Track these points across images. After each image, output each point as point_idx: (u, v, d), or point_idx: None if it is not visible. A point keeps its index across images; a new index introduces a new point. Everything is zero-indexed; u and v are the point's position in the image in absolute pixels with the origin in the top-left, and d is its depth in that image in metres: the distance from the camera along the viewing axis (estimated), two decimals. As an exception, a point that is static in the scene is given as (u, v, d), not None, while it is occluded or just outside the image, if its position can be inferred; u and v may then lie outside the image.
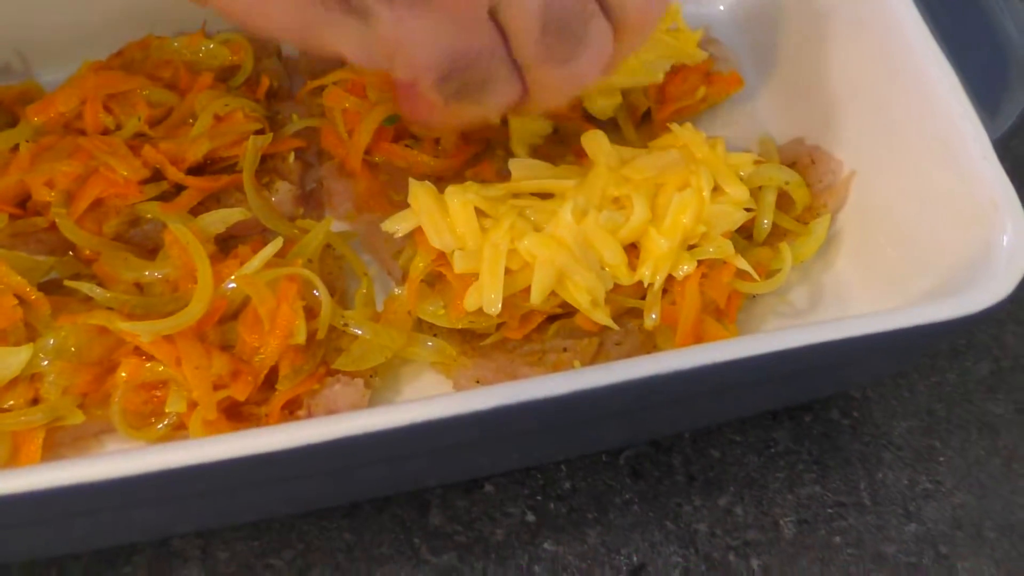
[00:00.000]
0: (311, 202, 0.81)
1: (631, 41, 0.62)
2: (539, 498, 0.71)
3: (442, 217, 0.71)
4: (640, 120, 0.84)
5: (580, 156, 0.78)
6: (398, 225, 0.73)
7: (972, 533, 0.71)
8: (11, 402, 0.67)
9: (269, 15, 0.54)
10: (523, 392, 0.58)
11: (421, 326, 0.72)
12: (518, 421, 0.61)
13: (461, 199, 0.71)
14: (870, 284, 0.75)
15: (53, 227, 0.74)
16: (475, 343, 0.72)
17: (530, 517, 0.70)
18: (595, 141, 0.74)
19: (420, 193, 0.72)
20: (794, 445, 0.74)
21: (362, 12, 0.53)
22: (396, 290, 0.74)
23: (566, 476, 0.72)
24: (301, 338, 0.69)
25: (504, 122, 0.79)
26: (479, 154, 0.81)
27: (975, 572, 0.69)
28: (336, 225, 0.78)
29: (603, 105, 0.82)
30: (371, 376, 0.71)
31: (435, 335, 0.72)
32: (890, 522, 0.71)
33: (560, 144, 0.82)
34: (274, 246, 0.71)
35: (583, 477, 0.72)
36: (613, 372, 0.59)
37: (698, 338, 0.70)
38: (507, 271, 0.69)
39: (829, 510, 0.71)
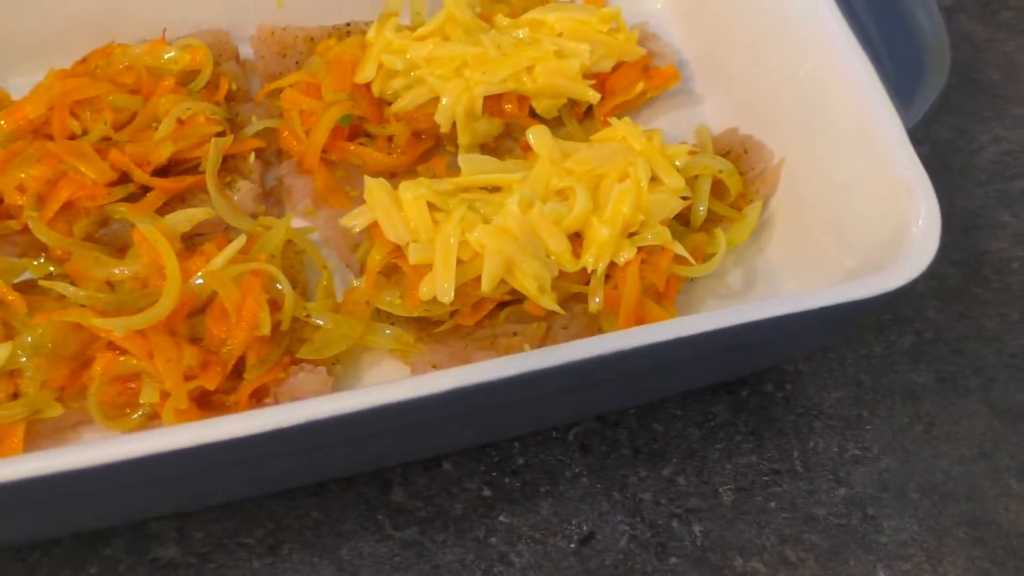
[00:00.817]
0: (271, 199, 0.85)
1: None
2: (494, 474, 0.76)
3: (396, 211, 0.75)
4: (583, 115, 0.88)
5: (527, 150, 0.82)
6: (355, 220, 0.77)
7: (897, 495, 0.76)
8: (-9, 398, 0.71)
9: None
10: (476, 374, 0.62)
11: (379, 315, 0.77)
12: (472, 401, 0.65)
13: (414, 194, 0.75)
14: (799, 265, 0.80)
15: (25, 229, 0.78)
16: (430, 330, 0.76)
17: (486, 492, 0.75)
18: (539, 136, 0.79)
19: (375, 189, 0.76)
20: (732, 417, 0.79)
21: None
22: (355, 282, 0.78)
23: (519, 452, 0.77)
24: (266, 329, 0.73)
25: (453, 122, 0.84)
26: (430, 150, 0.85)
27: (899, 530, 0.75)
28: (296, 221, 0.82)
29: (548, 105, 0.86)
30: (333, 364, 0.75)
31: (392, 323, 0.76)
32: (821, 487, 0.76)
33: (508, 138, 0.86)
34: (238, 243, 0.75)
35: (535, 453, 0.77)
36: (560, 353, 0.63)
37: (639, 320, 0.75)
38: (459, 261, 0.73)
39: (765, 477, 0.76)
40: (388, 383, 0.62)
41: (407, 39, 0.84)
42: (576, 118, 0.87)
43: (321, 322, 0.75)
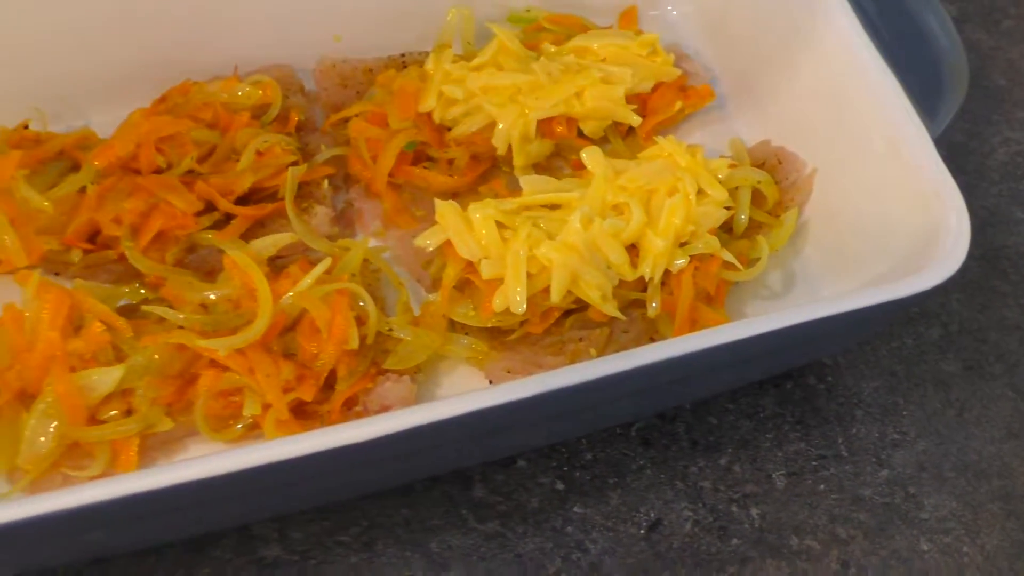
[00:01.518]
0: (342, 222, 0.91)
1: None
2: (565, 469, 0.82)
3: (467, 230, 0.82)
4: (626, 133, 0.95)
5: (577, 168, 0.89)
6: (429, 240, 0.83)
7: (934, 474, 0.83)
8: (109, 414, 0.77)
9: None
10: (553, 381, 0.68)
11: (454, 327, 0.83)
12: (549, 405, 0.71)
13: (483, 214, 0.82)
14: (835, 268, 0.86)
15: (121, 258, 0.84)
16: (502, 339, 0.83)
17: (559, 486, 0.82)
18: (593, 157, 0.85)
19: (446, 211, 0.82)
20: (779, 409, 0.85)
21: None
22: (429, 296, 0.85)
23: (587, 449, 0.83)
24: (355, 344, 0.79)
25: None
26: (487, 171, 0.92)
27: (939, 507, 0.82)
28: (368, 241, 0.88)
29: (594, 126, 0.93)
30: (416, 373, 0.82)
31: (467, 334, 0.83)
32: (865, 469, 0.83)
33: (558, 157, 0.93)
34: (324, 265, 0.81)
35: (601, 448, 0.83)
36: (633, 358, 0.69)
37: (694, 322, 0.82)
38: (528, 275, 0.80)
39: (813, 463, 0.83)
40: (478, 391, 0.68)
41: (464, 69, 0.90)
42: (620, 136, 0.94)
43: (402, 335, 0.81)
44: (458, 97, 0.89)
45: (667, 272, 0.83)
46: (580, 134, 0.93)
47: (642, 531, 0.80)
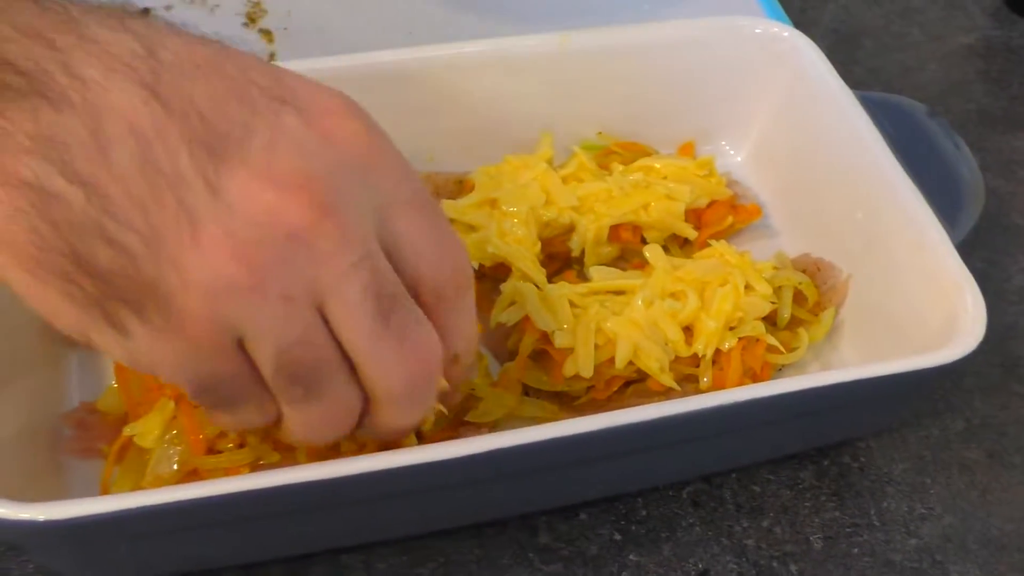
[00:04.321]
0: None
1: (387, 413, 0.66)
2: (622, 523, 0.91)
3: (543, 307, 0.94)
4: (682, 244, 1.08)
5: (637, 268, 1.01)
6: (508, 316, 0.96)
7: (959, 545, 0.91)
8: (226, 447, 0.88)
9: (56, 313, 0.56)
10: (620, 418, 0.79)
11: (527, 391, 0.94)
12: (616, 442, 0.81)
13: (558, 293, 0.94)
14: (868, 360, 0.97)
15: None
16: (569, 403, 0.94)
17: (617, 536, 0.91)
18: (655, 252, 0.98)
19: (526, 292, 0.95)
20: (816, 482, 0.94)
21: (120, 328, 0.55)
22: (504, 365, 0.96)
23: (642, 506, 0.92)
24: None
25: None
26: (560, 269, 1.05)
27: (964, 573, 0.89)
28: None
29: (656, 236, 1.06)
30: (492, 428, 0.92)
31: (538, 397, 0.94)
32: (895, 537, 0.91)
33: (622, 260, 1.06)
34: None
35: (655, 507, 0.92)
36: (688, 403, 0.80)
37: (740, 396, 0.93)
38: (595, 346, 0.92)
39: (847, 529, 0.92)
40: (548, 424, 0.79)
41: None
42: (678, 245, 1.07)
43: (483, 395, 0.92)
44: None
45: (718, 351, 0.94)
46: (643, 242, 1.05)
47: (691, 579, 0.88)
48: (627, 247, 1.05)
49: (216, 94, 0.54)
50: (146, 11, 0.67)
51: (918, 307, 0.93)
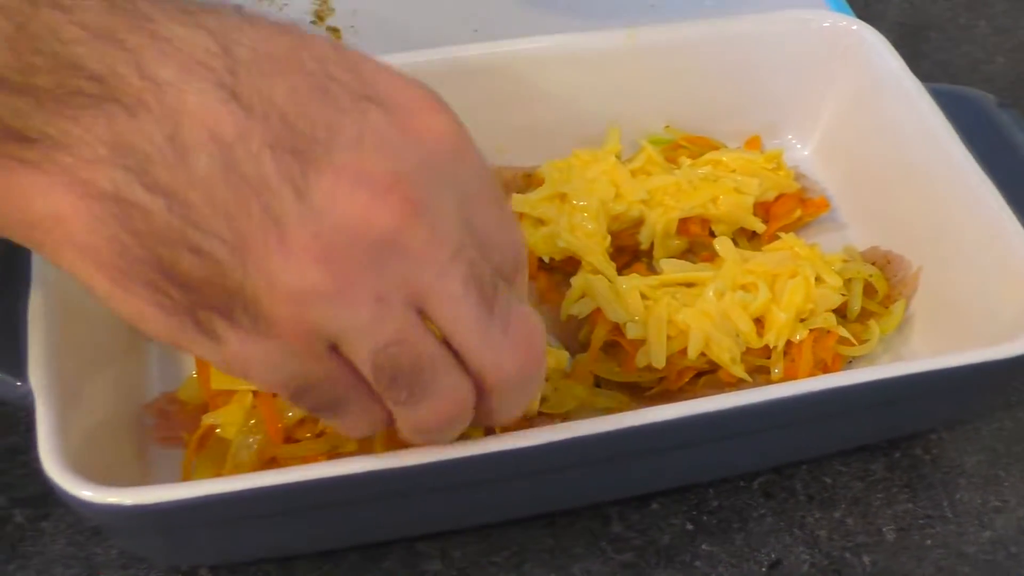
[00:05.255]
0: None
1: (502, 400, 0.65)
2: (694, 513, 0.92)
3: (615, 299, 0.95)
4: (751, 237, 1.08)
5: (706, 262, 1.02)
6: (579, 309, 0.97)
7: (1034, 537, 0.91)
8: (304, 436, 0.90)
9: (146, 321, 0.56)
10: (694, 407, 0.80)
11: (599, 383, 0.95)
12: (689, 432, 0.82)
13: (629, 285, 0.95)
14: (939, 352, 0.96)
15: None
16: (641, 394, 0.95)
17: (689, 526, 0.91)
18: (725, 244, 0.99)
19: (597, 284, 0.96)
20: (888, 473, 0.95)
21: (212, 334, 0.55)
22: (576, 356, 0.97)
23: (713, 497, 0.93)
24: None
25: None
26: (629, 262, 1.05)
27: (1037, 566, 0.89)
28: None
29: (724, 229, 1.06)
30: (565, 418, 0.93)
31: (609, 388, 0.95)
32: (969, 530, 0.91)
33: (690, 253, 1.06)
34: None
35: (727, 498, 0.93)
36: (763, 392, 0.81)
37: (812, 388, 0.93)
38: (667, 337, 0.92)
39: (920, 521, 0.92)
40: (623, 413, 0.80)
41: (619, 175, 1.05)
42: (746, 238, 1.07)
43: (556, 387, 0.93)
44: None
45: (789, 343, 0.94)
46: (711, 235, 1.06)
47: (763, 569, 0.89)
48: (696, 240, 1.05)
49: (297, 92, 0.53)
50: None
51: (990, 298, 0.93)
